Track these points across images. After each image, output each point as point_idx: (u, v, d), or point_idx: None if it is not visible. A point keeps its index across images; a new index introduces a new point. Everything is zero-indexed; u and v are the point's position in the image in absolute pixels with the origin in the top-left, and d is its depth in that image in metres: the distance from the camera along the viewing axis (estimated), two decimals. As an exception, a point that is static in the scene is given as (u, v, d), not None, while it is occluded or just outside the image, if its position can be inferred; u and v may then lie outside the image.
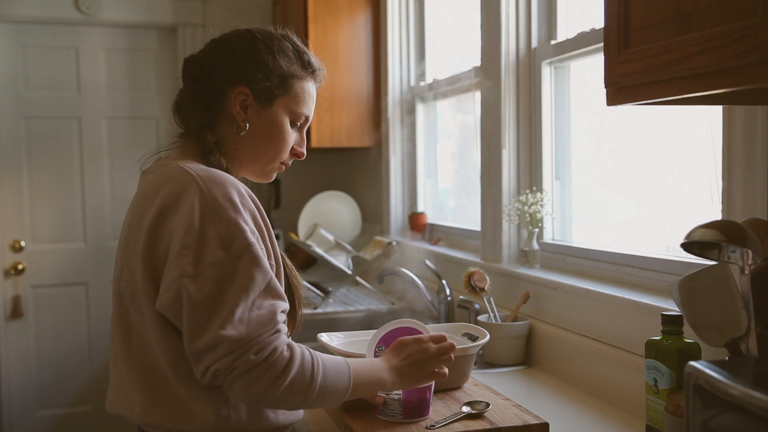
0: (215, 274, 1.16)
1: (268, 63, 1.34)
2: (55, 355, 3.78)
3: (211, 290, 1.16)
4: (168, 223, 1.21)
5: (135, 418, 1.28)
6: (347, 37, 3.34)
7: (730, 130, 1.42)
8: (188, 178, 1.22)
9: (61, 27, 3.74)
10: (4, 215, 3.69)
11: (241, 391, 1.17)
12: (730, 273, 1.21)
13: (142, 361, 1.27)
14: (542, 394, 1.78)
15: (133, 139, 3.89)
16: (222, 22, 1.44)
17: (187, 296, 1.16)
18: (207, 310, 1.16)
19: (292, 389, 1.18)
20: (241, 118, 1.34)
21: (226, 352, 1.14)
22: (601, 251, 1.96)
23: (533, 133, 2.27)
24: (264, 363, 1.15)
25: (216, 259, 1.16)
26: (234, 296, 1.16)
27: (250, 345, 1.15)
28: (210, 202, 1.19)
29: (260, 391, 1.16)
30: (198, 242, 1.17)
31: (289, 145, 1.40)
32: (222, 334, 1.14)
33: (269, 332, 1.17)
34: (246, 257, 1.18)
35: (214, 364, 1.15)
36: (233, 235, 1.18)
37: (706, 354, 1.36)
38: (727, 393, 0.87)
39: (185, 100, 1.38)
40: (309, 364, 1.20)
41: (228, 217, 1.19)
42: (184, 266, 1.17)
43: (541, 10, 2.24)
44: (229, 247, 1.17)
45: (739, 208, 1.40)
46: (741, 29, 0.89)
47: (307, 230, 3.39)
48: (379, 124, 3.36)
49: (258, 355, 1.15)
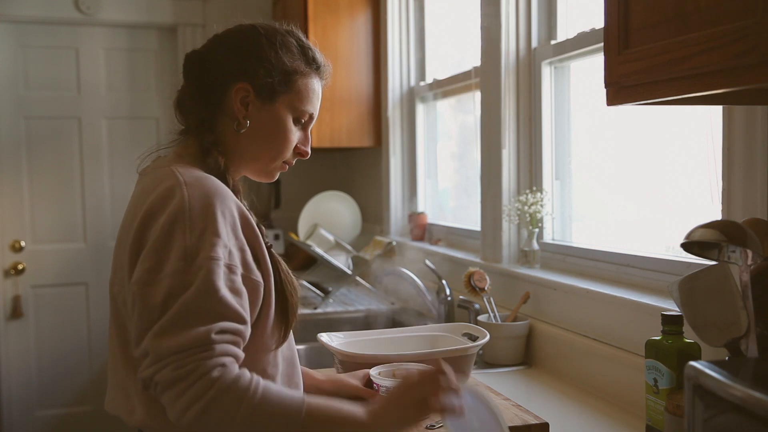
0: (169, 284, 1.11)
1: (270, 58, 1.30)
2: (55, 355, 3.78)
3: (160, 300, 1.11)
4: (150, 230, 1.17)
5: (136, 422, 1.24)
6: (347, 37, 3.34)
7: (730, 130, 1.42)
8: (175, 185, 1.18)
9: (61, 27, 3.74)
10: (4, 215, 3.69)
11: (168, 405, 1.09)
12: (730, 273, 1.21)
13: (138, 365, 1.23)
14: (542, 394, 1.78)
15: (133, 139, 3.89)
16: (222, 23, 1.43)
17: (138, 302, 1.12)
18: (150, 319, 1.11)
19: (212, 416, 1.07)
20: (241, 114, 1.30)
21: (150, 362, 1.09)
22: (601, 251, 1.96)
23: (533, 133, 2.27)
24: (188, 379, 1.07)
25: (173, 269, 1.11)
26: (180, 309, 1.09)
27: (170, 360, 1.07)
28: (187, 212, 1.14)
29: (179, 411, 1.07)
30: (162, 250, 1.13)
31: (292, 143, 1.35)
32: (154, 343, 1.09)
33: (199, 350, 1.08)
34: (203, 272, 1.11)
35: (141, 373, 1.11)
36: (199, 247, 1.12)
37: (706, 354, 1.36)
38: (727, 393, 0.87)
39: (185, 96, 1.34)
40: (242, 389, 1.08)
41: (199, 230, 1.13)
42: (142, 272, 1.13)
43: (541, 10, 2.24)
44: (191, 259, 1.11)
45: (739, 208, 1.40)
46: (741, 29, 0.89)
47: (307, 230, 3.39)
48: (379, 124, 3.36)
49: (175, 371, 1.07)
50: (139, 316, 1.12)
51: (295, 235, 3.45)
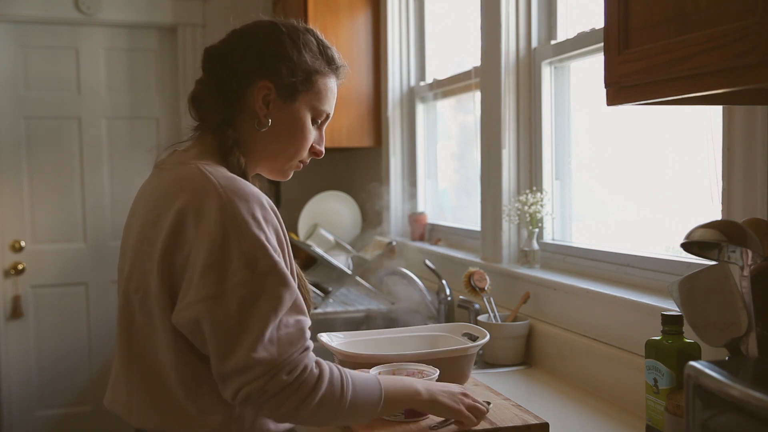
0: (241, 293, 1.12)
1: (293, 57, 1.29)
2: (55, 355, 3.78)
3: (236, 311, 1.12)
4: (187, 233, 1.16)
5: (133, 421, 1.25)
6: (347, 37, 3.34)
7: (730, 130, 1.42)
8: (210, 186, 1.16)
9: (61, 27, 3.74)
10: (4, 215, 3.69)
11: (273, 410, 1.15)
12: (730, 273, 1.21)
13: (144, 366, 1.24)
14: (542, 394, 1.78)
15: (133, 139, 3.89)
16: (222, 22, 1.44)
17: (211, 318, 1.12)
18: (234, 331, 1.12)
19: (323, 405, 1.16)
20: (263, 113, 1.29)
21: (259, 374, 1.11)
22: (601, 251, 1.96)
23: (533, 133, 2.27)
24: (295, 382, 1.13)
25: (241, 279, 1.12)
26: (262, 317, 1.12)
27: (282, 366, 1.12)
28: (233, 218, 1.13)
29: (292, 409, 1.15)
30: (221, 261, 1.12)
31: (309, 142, 1.35)
32: (254, 356, 1.11)
33: (299, 350, 1.15)
34: (272, 277, 1.14)
35: (245, 387, 1.12)
36: (257, 253, 1.13)
37: (706, 354, 1.36)
38: (727, 393, 0.87)
39: (204, 93, 1.32)
40: (338, 379, 1.18)
41: (252, 234, 1.13)
42: (208, 286, 1.13)
43: (541, 10, 2.24)
44: (254, 266, 1.13)
45: (739, 208, 1.40)
46: (741, 29, 0.89)
47: (307, 230, 3.39)
48: (379, 124, 3.36)
49: (290, 375, 1.13)
50: (216, 334, 1.13)
51: (295, 235, 3.45)
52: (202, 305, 1.13)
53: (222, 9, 3.81)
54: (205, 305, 1.12)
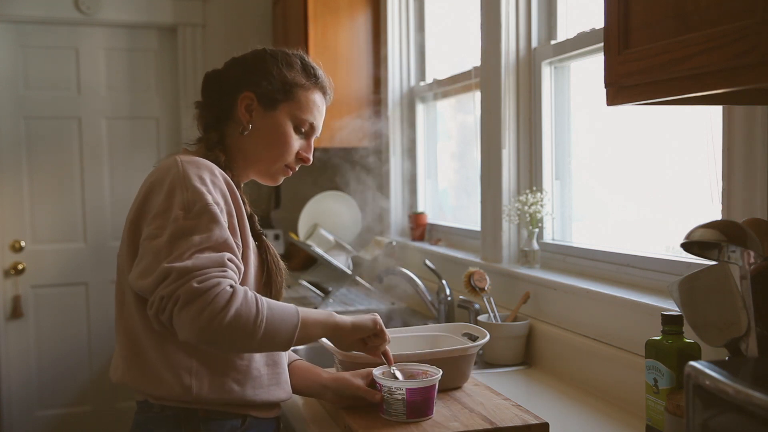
0: (174, 228, 1.26)
1: (272, 72, 1.47)
2: (55, 355, 3.78)
3: (167, 241, 1.25)
4: (151, 201, 1.33)
5: (117, 378, 1.40)
6: (347, 37, 3.34)
7: (730, 130, 1.42)
8: (172, 162, 1.35)
9: (61, 27, 3.74)
10: (4, 215, 3.69)
11: (188, 323, 1.20)
12: (730, 273, 1.21)
13: (126, 328, 1.39)
14: (542, 394, 1.78)
15: (133, 139, 3.89)
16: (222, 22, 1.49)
17: (146, 249, 1.27)
18: (161, 255, 1.24)
19: (239, 322, 1.22)
20: (246, 120, 1.46)
21: (172, 280, 1.21)
22: (601, 251, 1.96)
23: (533, 133, 2.27)
24: (207, 293, 1.20)
25: (176, 217, 1.27)
26: (188, 242, 1.24)
27: (194, 274, 1.21)
28: (181, 176, 1.31)
29: (205, 322, 1.20)
30: (165, 210, 1.29)
31: (292, 148, 1.49)
32: (168, 265, 1.22)
33: (216, 270, 1.23)
34: (205, 216, 1.27)
35: (159, 292, 1.22)
36: (194, 198, 1.28)
37: (706, 354, 1.36)
38: (727, 393, 0.87)
39: (201, 108, 1.52)
40: (252, 299, 1.25)
41: (193, 186, 1.30)
42: (150, 230, 1.29)
43: (541, 10, 2.24)
44: (190, 208, 1.28)
45: (739, 208, 1.40)
46: (741, 29, 0.89)
47: (307, 230, 3.39)
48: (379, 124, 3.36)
49: (201, 284, 1.20)
50: (146, 259, 1.26)
51: (295, 235, 3.45)
52: (145, 243, 1.28)
53: (222, 9, 3.81)
54: (145, 242, 1.28)
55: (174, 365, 1.34)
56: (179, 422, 1.36)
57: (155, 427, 1.37)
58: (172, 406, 1.36)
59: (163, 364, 1.34)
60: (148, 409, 1.38)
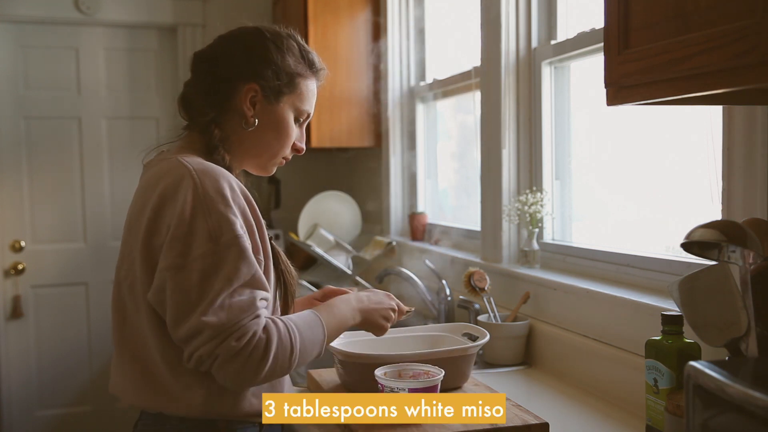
0: (201, 265, 1.20)
1: (277, 61, 1.38)
2: (55, 355, 3.78)
3: (197, 280, 1.20)
4: (165, 216, 1.24)
5: (128, 400, 1.35)
6: (347, 37, 3.34)
7: (730, 130, 1.42)
8: (184, 171, 1.25)
9: (61, 27, 3.74)
10: (4, 215, 3.69)
11: (230, 378, 1.22)
12: (730, 273, 1.21)
13: (133, 349, 1.32)
14: (542, 394, 1.78)
15: (133, 139, 3.89)
16: (222, 22, 1.46)
17: (173, 286, 1.21)
18: (191, 299, 1.20)
19: (276, 365, 1.23)
20: (250, 114, 1.38)
21: (208, 338, 1.19)
22: (601, 251, 1.96)
23: (533, 133, 2.27)
24: (245, 348, 1.19)
25: (203, 252, 1.21)
26: (218, 285, 1.20)
27: (230, 331, 1.19)
28: (202, 196, 1.22)
29: (249, 375, 1.21)
30: (187, 235, 1.21)
31: (292, 140, 1.44)
32: (203, 320, 1.18)
33: (249, 317, 1.21)
34: (233, 249, 1.22)
35: (197, 351, 1.20)
36: (222, 228, 1.22)
37: (706, 354, 1.36)
38: (727, 393, 0.87)
39: (193, 94, 1.40)
40: (286, 335, 1.25)
41: (218, 211, 1.22)
42: (173, 258, 1.21)
43: (541, 10, 2.24)
44: (217, 239, 1.21)
45: (739, 208, 1.40)
46: (741, 29, 0.89)
47: (307, 230, 3.39)
48: (379, 124, 3.36)
49: (239, 341, 1.19)
50: (175, 300, 1.21)
51: (295, 235, 3.45)
52: (167, 273, 1.22)
53: (222, 9, 3.81)
54: (169, 273, 1.21)
55: (190, 385, 1.28)
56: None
57: None
58: (191, 418, 1.30)
59: (179, 384, 1.28)
60: (165, 421, 1.31)
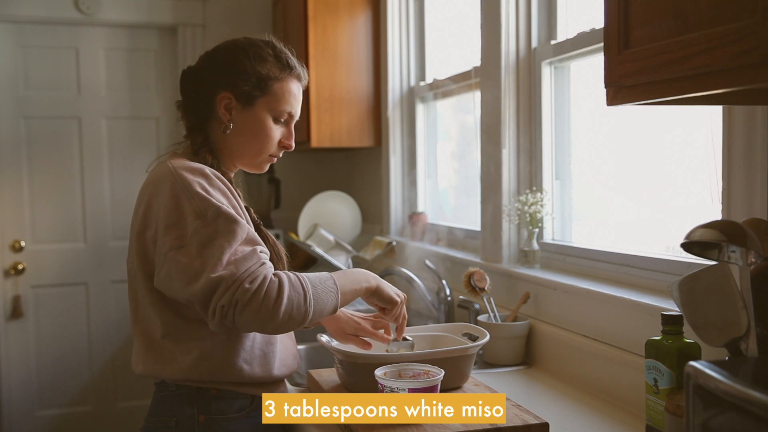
0: (198, 239, 1.33)
1: (246, 69, 1.51)
2: (55, 355, 3.78)
3: (197, 253, 1.33)
4: (152, 211, 1.42)
5: (138, 370, 1.52)
6: (347, 37, 3.34)
7: (730, 130, 1.42)
8: (167, 170, 1.42)
9: (61, 27, 3.74)
10: (4, 215, 3.69)
11: (251, 320, 1.31)
12: (730, 273, 1.21)
13: (143, 327, 1.50)
14: (542, 394, 1.78)
15: (133, 139, 3.89)
16: (222, 23, 1.49)
17: (176, 263, 1.34)
18: (197, 267, 1.32)
19: (292, 306, 1.33)
20: (226, 118, 1.52)
21: (224, 289, 1.29)
22: (601, 251, 1.96)
23: (533, 133, 2.27)
24: (260, 289, 1.30)
25: (195, 228, 1.34)
26: (218, 249, 1.32)
27: (242, 277, 1.30)
28: (182, 186, 1.38)
29: (267, 315, 1.30)
30: (178, 220, 1.36)
31: (273, 139, 1.56)
32: (213, 276, 1.29)
33: (255, 265, 1.33)
34: (221, 218, 1.35)
35: (218, 303, 1.30)
36: (204, 205, 1.36)
37: (706, 354, 1.36)
38: (727, 393, 0.87)
39: (182, 107, 1.58)
40: (296, 281, 1.36)
41: (197, 193, 1.37)
42: (171, 241, 1.36)
43: (541, 10, 2.24)
44: (204, 215, 1.35)
45: (739, 208, 1.40)
46: (741, 29, 0.89)
47: (307, 230, 3.39)
48: (379, 124, 3.36)
49: (252, 283, 1.30)
50: (180, 272, 1.34)
51: (295, 235, 3.45)
52: (169, 254, 1.35)
53: (222, 9, 3.81)
54: (171, 254, 1.35)
55: (187, 351, 1.45)
56: (192, 399, 1.47)
57: (171, 403, 1.48)
58: (186, 385, 1.47)
59: (178, 350, 1.45)
60: (165, 388, 1.50)
